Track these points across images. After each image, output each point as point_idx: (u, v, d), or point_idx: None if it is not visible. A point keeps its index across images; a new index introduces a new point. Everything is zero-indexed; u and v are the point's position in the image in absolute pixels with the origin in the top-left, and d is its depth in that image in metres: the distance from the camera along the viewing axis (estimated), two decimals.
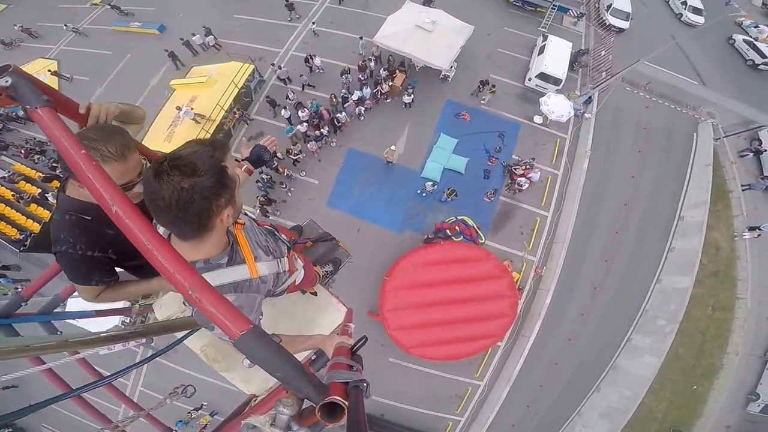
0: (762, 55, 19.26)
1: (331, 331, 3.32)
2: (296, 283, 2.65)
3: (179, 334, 2.96)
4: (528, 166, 14.23)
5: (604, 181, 15.28)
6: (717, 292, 14.98)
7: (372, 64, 15.66)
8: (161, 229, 1.55)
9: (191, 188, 1.23)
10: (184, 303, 2.75)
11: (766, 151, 16.89)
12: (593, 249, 14.57)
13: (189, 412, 13.83)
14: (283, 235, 2.54)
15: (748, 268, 15.27)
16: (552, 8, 19.25)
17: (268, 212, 13.27)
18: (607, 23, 20.11)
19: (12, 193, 15.19)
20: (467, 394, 13.35)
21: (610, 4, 20.40)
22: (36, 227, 14.52)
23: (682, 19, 21.18)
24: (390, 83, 15.10)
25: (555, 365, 13.78)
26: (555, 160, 14.97)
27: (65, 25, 19.32)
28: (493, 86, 15.40)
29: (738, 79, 18.97)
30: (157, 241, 1.07)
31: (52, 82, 17.70)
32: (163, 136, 14.44)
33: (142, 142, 4.27)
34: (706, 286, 14.88)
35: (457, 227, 13.24)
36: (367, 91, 14.87)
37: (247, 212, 2.02)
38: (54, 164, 15.61)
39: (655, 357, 13.63)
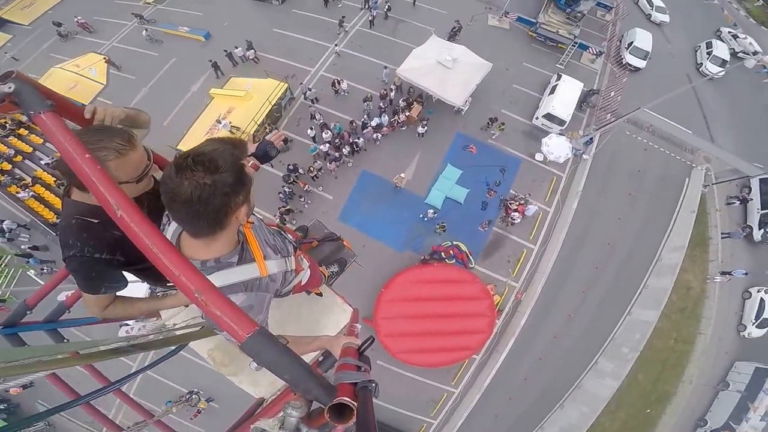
0: None
1: (337, 332, 3.52)
2: (302, 283, 2.78)
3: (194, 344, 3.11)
4: (522, 203, 16.79)
5: (592, 220, 17.69)
6: (681, 327, 17.59)
7: (392, 93, 18.23)
8: (171, 228, 1.74)
9: (213, 184, 1.35)
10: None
11: (752, 200, 19.12)
12: (573, 280, 17.11)
13: (182, 396, 15.68)
14: (289, 235, 2.74)
15: (714, 308, 17.85)
16: (573, 45, 21.29)
17: (286, 221, 16.13)
18: (624, 62, 22.19)
19: (54, 178, 18.00)
20: (442, 400, 15.99)
21: (632, 42, 22.39)
22: None
23: (701, 69, 23.03)
24: (407, 113, 17.63)
25: (525, 381, 16.48)
26: (548, 198, 17.45)
27: (137, 16, 22.10)
28: (502, 123, 17.86)
29: (747, 134, 21.10)
30: (162, 244, 1.17)
31: (103, 69, 20.76)
32: (200, 141, 17.31)
33: (179, 145, 9.83)
34: (672, 321, 17.50)
35: (451, 251, 15.90)
36: (385, 118, 17.43)
37: (255, 213, 2.17)
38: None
39: (614, 380, 16.31)
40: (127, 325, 3.52)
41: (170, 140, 16.45)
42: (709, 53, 22.84)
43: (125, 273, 2.31)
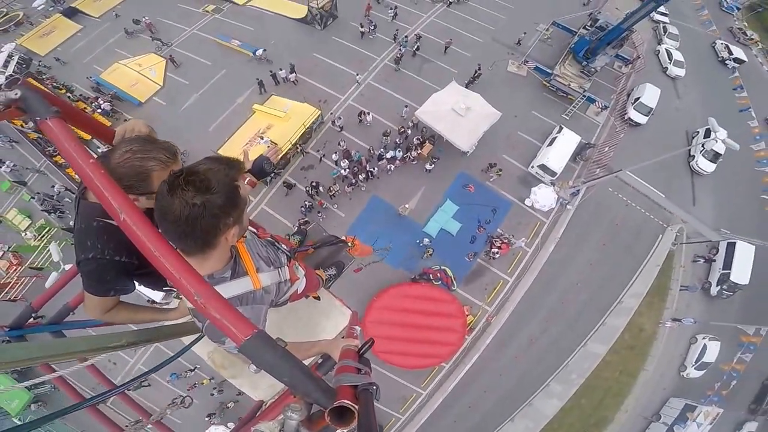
0: None
1: (336, 334, 3.81)
2: (299, 292, 3.07)
3: (186, 341, 3.49)
4: (506, 242, 21.37)
5: (566, 264, 22.03)
6: (628, 362, 22.03)
7: (409, 130, 22.76)
8: None
9: (202, 205, 1.46)
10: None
11: (715, 261, 23.37)
12: (540, 311, 21.55)
13: (186, 371, 19.57)
14: (282, 245, 2.95)
15: (660, 348, 22.34)
16: (582, 98, 25.37)
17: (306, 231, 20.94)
18: (626, 116, 26.23)
19: None
20: (411, 398, 20.39)
21: (638, 98, 26.26)
22: None
23: (692, 164, 26.14)
24: (419, 151, 22.20)
25: (484, 392, 21.02)
26: (530, 239, 21.92)
27: (158, 40, 26.49)
28: (500, 169, 22.29)
29: (729, 199, 25.15)
30: (164, 248, 1.27)
31: (161, 71, 25.58)
32: (239, 152, 22.03)
33: (220, 150, 15.70)
34: (621, 356, 21.94)
35: (438, 274, 20.51)
36: (399, 153, 22.01)
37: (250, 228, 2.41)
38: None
39: (560, 401, 21.00)
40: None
41: (213, 145, 21.42)
42: (703, 145, 25.40)
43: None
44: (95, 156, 1.48)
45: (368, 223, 21.41)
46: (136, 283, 2.62)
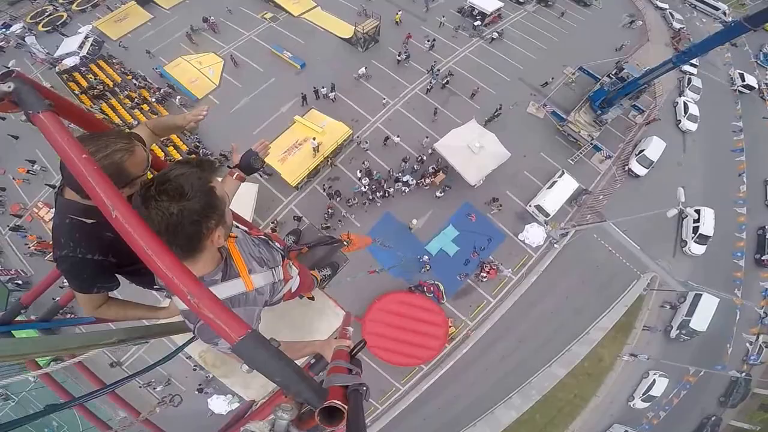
0: None
1: (329, 334, 3.86)
2: (292, 291, 3.27)
3: (178, 341, 3.84)
4: (494, 268, 26.54)
5: (545, 294, 26.92)
6: (583, 387, 27.01)
7: (426, 158, 27.89)
8: None
9: (180, 213, 1.57)
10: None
11: (680, 308, 28.18)
12: (514, 332, 26.47)
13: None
14: (276, 244, 3.17)
15: (614, 378, 27.29)
16: (589, 145, 30.11)
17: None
18: (628, 167, 30.78)
19: (163, 153, 27.76)
20: (390, 391, 24.69)
21: (643, 150, 30.62)
22: None
23: (684, 249, 29.48)
24: (432, 179, 27.32)
25: (455, 397, 25.96)
26: (517, 269, 27.03)
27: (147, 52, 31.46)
28: (500, 204, 27.32)
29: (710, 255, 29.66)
30: (156, 247, 1.33)
31: (218, 71, 30.93)
32: (278, 157, 27.11)
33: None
34: (579, 380, 26.92)
35: (431, 287, 25.85)
36: (413, 180, 27.12)
37: (238, 225, 2.66)
38: (198, 142, 28.89)
39: (516, 413, 26.25)
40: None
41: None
42: (696, 228, 29.01)
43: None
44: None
45: (379, 234, 26.44)
46: (123, 279, 2.78)
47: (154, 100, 29.53)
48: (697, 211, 29.34)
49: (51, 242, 2.51)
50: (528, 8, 39.08)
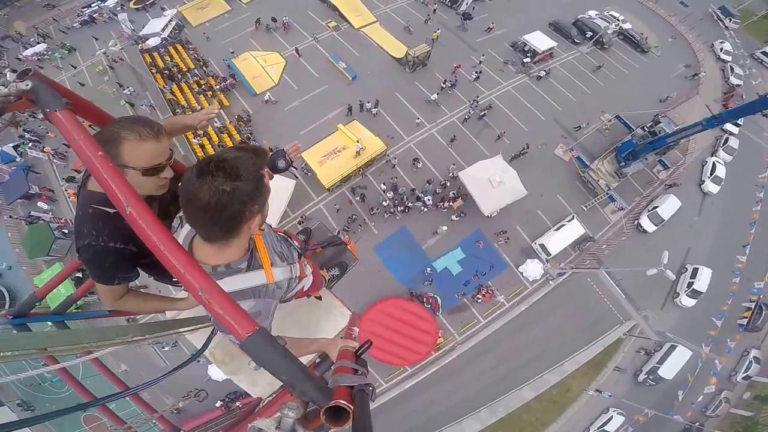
0: None
1: (335, 334, 4.34)
2: (305, 289, 3.51)
3: (194, 340, 4.12)
4: (490, 292, 30.77)
5: (532, 323, 30.46)
6: (547, 412, 30.42)
7: (449, 183, 32.13)
8: (183, 231, 2.31)
9: (232, 191, 1.71)
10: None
11: (652, 355, 31.52)
12: (496, 352, 29.90)
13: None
14: (294, 242, 3.46)
15: (576, 409, 30.77)
16: (605, 195, 33.49)
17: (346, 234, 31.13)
18: (637, 222, 33.79)
19: (217, 138, 33.16)
20: (375, 385, 30.81)
21: (656, 207, 33.13)
22: None
23: (676, 299, 32.22)
24: (451, 203, 31.51)
25: (430, 402, 29.33)
26: (510, 297, 31.13)
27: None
28: (508, 237, 31.33)
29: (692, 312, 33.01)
30: (169, 243, 1.43)
31: (279, 71, 35.77)
32: (318, 159, 31.66)
33: (303, 152, 25.17)
34: (544, 406, 30.34)
35: (430, 300, 30.24)
36: (430, 201, 31.42)
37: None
38: (250, 134, 33.79)
39: (481, 426, 29.91)
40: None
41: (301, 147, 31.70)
42: (690, 283, 31.77)
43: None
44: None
45: (392, 244, 30.98)
46: (141, 271, 2.96)
47: (218, 88, 34.73)
48: (696, 269, 32.30)
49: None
50: (582, 49, 41.84)
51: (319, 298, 4.64)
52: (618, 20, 45.17)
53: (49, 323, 3.23)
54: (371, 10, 41.47)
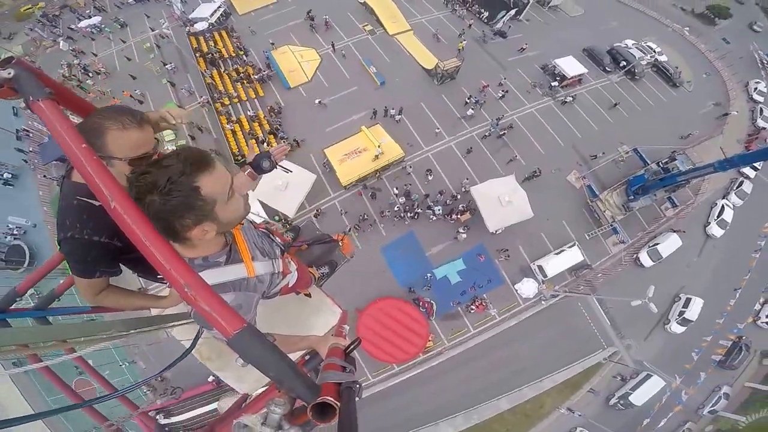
0: None
1: (325, 332, 4.29)
2: (289, 285, 3.51)
3: (179, 335, 4.11)
4: (484, 304, 32.97)
5: (519, 338, 32.05)
6: (518, 425, 31.92)
7: (459, 197, 34.22)
8: None
9: (148, 205, 1.66)
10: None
11: (628, 382, 33.38)
12: (481, 361, 31.68)
13: None
14: (277, 239, 3.54)
15: (546, 425, 32.12)
16: (609, 226, 35.06)
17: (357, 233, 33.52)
18: (636, 256, 35.19)
19: (248, 126, 35.48)
20: (361, 379, 28.11)
21: (656, 244, 34.53)
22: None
23: (666, 326, 33.95)
24: (459, 216, 33.56)
25: (412, 402, 30.72)
26: (502, 312, 33.15)
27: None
28: (509, 255, 33.29)
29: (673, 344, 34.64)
30: (154, 238, 1.43)
31: (313, 68, 38.06)
32: (339, 158, 33.46)
33: (326, 149, 31.03)
34: (516, 418, 31.95)
35: (426, 304, 32.40)
36: (440, 211, 33.59)
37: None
38: (279, 125, 36.05)
39: (453, 431, 32.43)
40: None
41: (323, 143, 34.01)
42: (681, 312, 33.42)
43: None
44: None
45: (398, 247, 33.07)
46: (124, 267, 2.96)
47: (255, 78, 37.21)
48: (689, 299, 33.77)
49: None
50: (612, 78, 43.03)
51: (309, 295, 4.78)
52: (654, 52, 45.94)
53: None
54: (408, 19, 43.47)
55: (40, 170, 36.09)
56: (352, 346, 2.29)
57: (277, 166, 3.58)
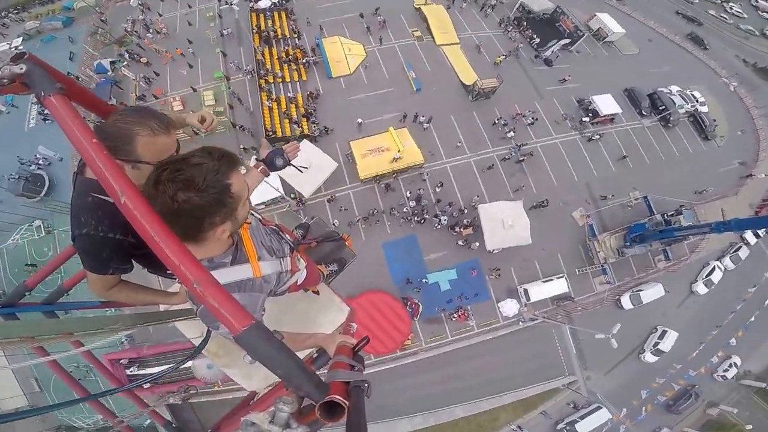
0: None
1: (333, 330, 4.43)
2: (298, 283, 3.57)
3: (186, 331, 4.35)
4: (465, 315, 36.11)
5: (489, 352, 34.16)
6: None
7: (466, 211, 36.98)
8: None
9: (184, 202, 1.71)
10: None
11: (579, 410, 36.35)
12: (452, 368, 34.25)
13: None
14: (287, 236, 3.51)
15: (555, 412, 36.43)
16: (600, 267, 36.99)
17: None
18: (618, 298, 37.05)
19: (285, 106, 37.97)
20: None
21: (640, 290, 35.95)
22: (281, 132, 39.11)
23: (641, 355, 36.37)
24: (462, 230, 36.12)
25: (380, 394, 32.96)
26: (481, 325, 35.93)
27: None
28: (500, 274, 35.86)
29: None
30: (164, 234, 1.44)
31: (357, 62, 40.64)
32: (362, 153, 35.68)
33: (352, 142, 34.19)
34: (470, 426, 33.39)
35: (413, 305, 35.12)
36: (446, 221, 36.37)
37: (254, 212, 2.90)
38: (314, 110, 38.68)
39: (410, 428, 34.20)
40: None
41: (351, 136, 36.70)
42: (656, 343, 35.77)
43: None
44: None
45: (399, 247, 35.59)
46: (135, 263, 3.00)
47: (302, 62, 40.00)
48: (665, 331, 36.26)
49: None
50: (645, 123, 44.18)
51: (317, 293, 4.79)
52: (696, 101, 46.64)
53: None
54: (458, 32, 45.26)
55: (82, 112, 38.94)
56: (360, 345, 2.33)
57: (290, 164, 3.78)
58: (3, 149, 38.38)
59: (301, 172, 5.08)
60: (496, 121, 39.95)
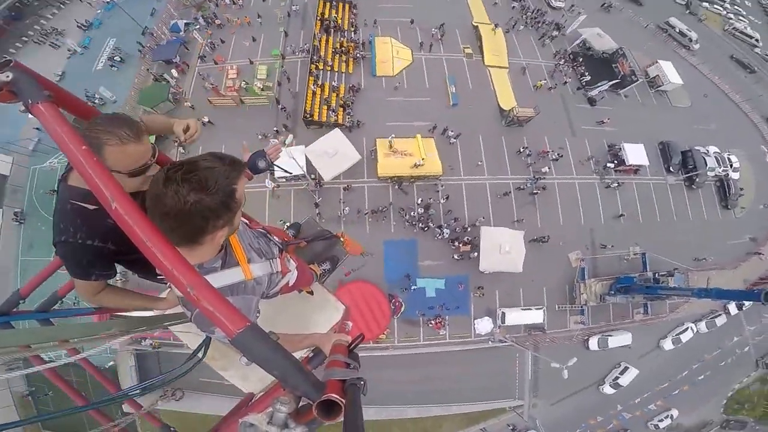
0: None
1: (328, 329, 4.54)
2: (290, 284, 3.60)
3: (183, 337, 4.47)
4: (441, 324, 39.42)
5: (456, 362, 35.94)
6: None
7: (470, 229, 39.46)
8: None
9: (195, 203, 1.75)
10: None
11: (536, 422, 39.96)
12: (419, 372, 36.84)
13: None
14: (275, 237, 3.57)
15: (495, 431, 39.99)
16: (579, 307, 38.96)
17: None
18: (587, 340, 39.12)
19: (327, 93, 40.30)
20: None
21: (609, 336, 37.69)
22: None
23: (600, 387, 39.15)
24: (461, 245, 38.67)
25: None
26: (453, 337, 37.61)
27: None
28: (483, 293, 38.07)
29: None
30: (156, 239, 1.45)
31: (402, 66, 42.68)
32: (385, 152, 37.52)
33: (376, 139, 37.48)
34: (415, 428, 35.74)
35: (397, 303, 37.42)
36: (448, 233, 39.16)
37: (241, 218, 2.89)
38: (351, 102, 41.41)
39: (364, 416, 40.90)
40: None
41: (378, 133, 38.70)
42: (616, 378, 38.39)
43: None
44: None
45: (398, 247, 38.18)
46: (121, 268, 3.03)
47: (351, 56, 42.49)
48: (626, 368, 38.88)
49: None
50: (669, 180, 43.77)
51: (311, 293, 4.95)
52: (730, 167, 46.02)
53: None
54: (510, 56, 46.36)
55: (147, 63, 43.48)
56: (355, 343, 2.41)
57: (273, 165, 3.79)
58: (72, 85, 40.44)
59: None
60: (521, 150, 41.46)
